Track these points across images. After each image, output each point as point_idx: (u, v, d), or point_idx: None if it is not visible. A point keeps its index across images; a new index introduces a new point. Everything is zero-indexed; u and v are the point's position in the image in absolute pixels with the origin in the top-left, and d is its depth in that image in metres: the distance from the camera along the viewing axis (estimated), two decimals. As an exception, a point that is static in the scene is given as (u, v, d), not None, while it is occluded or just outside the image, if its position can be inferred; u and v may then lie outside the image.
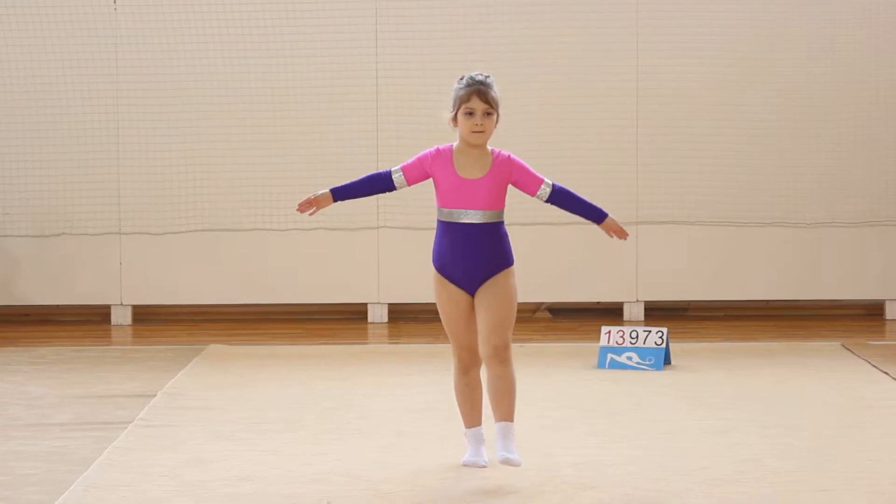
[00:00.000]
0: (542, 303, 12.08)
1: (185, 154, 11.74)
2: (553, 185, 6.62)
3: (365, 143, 11.74)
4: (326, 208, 6.72)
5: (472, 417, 6.73)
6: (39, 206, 11.76)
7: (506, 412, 6.47)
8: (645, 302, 11.88)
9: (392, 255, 11.79)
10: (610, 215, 6.68)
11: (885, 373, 9.29)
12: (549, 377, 9.24)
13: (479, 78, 6.50)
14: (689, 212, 11.80)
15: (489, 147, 6.58)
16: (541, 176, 6.62)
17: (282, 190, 11.69)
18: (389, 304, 11.93)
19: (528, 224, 11.62)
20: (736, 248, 11.82)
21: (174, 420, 8.01)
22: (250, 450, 7.27)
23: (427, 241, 12.08)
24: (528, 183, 6.60)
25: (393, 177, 6.65)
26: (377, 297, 11.88)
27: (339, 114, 11.76)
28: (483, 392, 6.70)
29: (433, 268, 6.66)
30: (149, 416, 8.08)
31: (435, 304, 6.77)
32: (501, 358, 6.52)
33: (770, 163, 11.76)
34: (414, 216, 11.66)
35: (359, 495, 6.34)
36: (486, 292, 6.55)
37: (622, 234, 6.66)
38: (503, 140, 12.05)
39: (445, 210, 6.56)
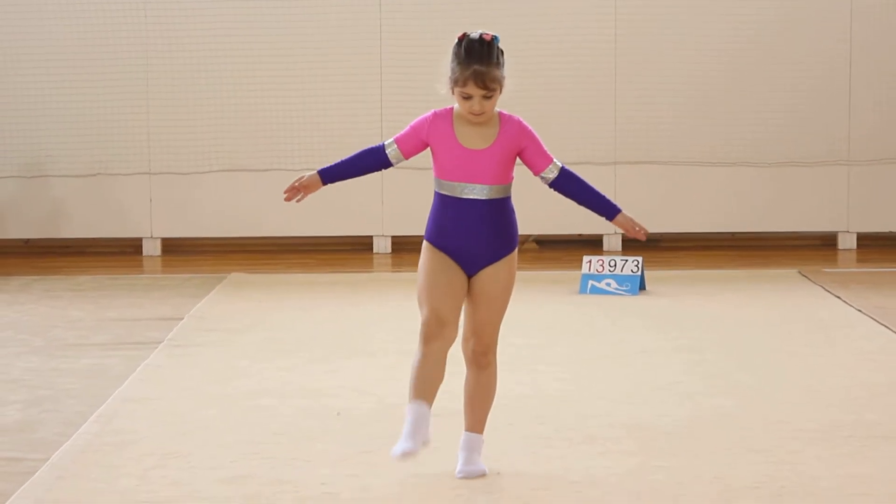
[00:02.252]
0: (530, 235, 12.08)
1: (209, 101, 11.70)
2: (562, 167, 5.29)
3: (370, 83, 11.70)
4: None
5: (421, 390, 5.04)
6: (77, 150, 11.73)
7: (478, 422, 5.25)
8: (622, 234, 11.88)
9: (395, 192, 11.77)
10: (623, 211, 5.39)
11: (837, 297, 9.31)
12: (535, 302, 9.25)
13: (477, 50, 5.01)
14: (662, 153, 11.77)
15: (496, 109, 5.22)
16: (550, 154, 5.27)
17: (294, 133, 11.68)
18: (392, 237, 11.93)
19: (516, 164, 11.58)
20: (704, 185, 11.80)
21: (200, 341, 8.02)
22: (268, 367, 7.28)
23: (426, 181, 12.04)
24: (535, 158, 5.25)
25: (387, 151, 5.34)
26: (381, 230, 11.88)
27: (344, 56, 11.70)
28: (443, 377, 5.09)
29: (424, 240, 5.27)
30: (177, 337, 8.10)
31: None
32: (489, 359, 5.23)
33: (735, 108, 11.72)
34: (414, 159, 11.62)
35: (365, 407, 6.36)
36: (487, 282, 5.19)
37: (640, 234, 5.39)
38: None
39: (445, 183, 5.19)
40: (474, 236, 5.15)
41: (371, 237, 11.94)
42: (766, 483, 5.13)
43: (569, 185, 5.31)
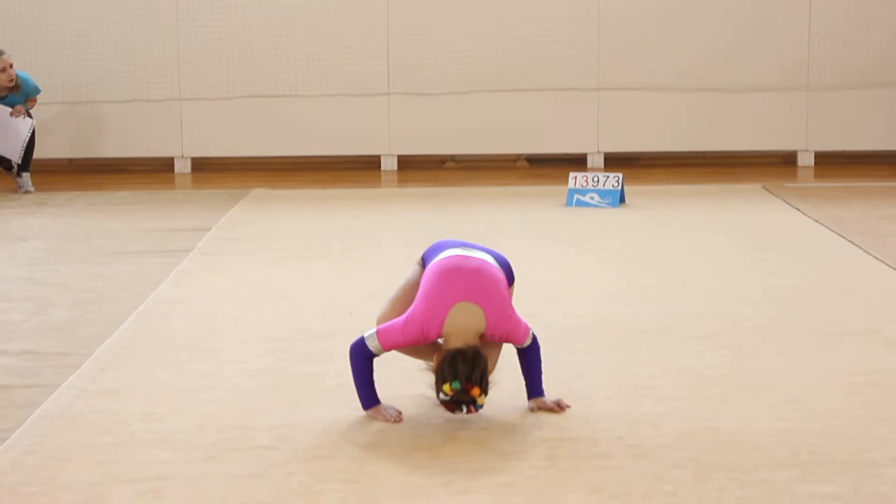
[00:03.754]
0: (521, 154, 12.04)
1: (234, 29, 11.63)
2: (534, 338, 4.65)
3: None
4: None
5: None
6: (116, 78, 11.66)
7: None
8: (605, 153, 11.83)
9: (400, 115, 11.71)
10: (542, 395, 4.66)
11: (797, 208, 9.30)
12: (526, 213, 9.25)
13: (463, 402, 4.35)
14: (642, 79, 11.69)
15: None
16: (525, 329, 4.60)
17: (311, 60, 11.62)
18: (398, 156, 11.89)
19: (509, 90, 11.56)
20: (678, 109, 11.71)
21: (226, 249, 8.03)
22: (287, 272, 7.30)
23: (430, 103, 12.01)
24: (515, 340, 4.60)
25: (369, 347, 4.59)
26: (388, 149, 11.83)
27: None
28: None
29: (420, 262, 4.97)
30: (206, 246, 8.11)
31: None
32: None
33: (704, 36, 11.62)
34: (420, 83, 11.59)
35: (374, 306, 6.37)
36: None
37: (560, 408, 4.65)
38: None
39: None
40: None
41: (379, 156, 11.90)
42: (731, 374, 5.16)
43: (531, 353, 4.63)
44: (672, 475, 4.01)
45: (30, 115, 10.57)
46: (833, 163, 11.88)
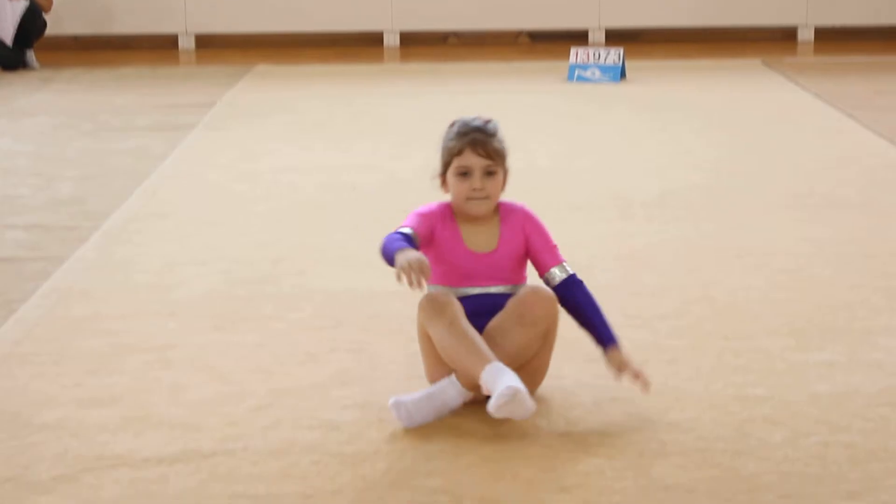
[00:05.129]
0: (523, 29, 11.91)
1: None
2: (571, 273, 3.57)
3: None
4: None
5: (480, 356, 3.38)
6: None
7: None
8: (606, 28, 11.71)
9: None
10: (619, 344, 3.51)
11: (796, 83, 9.24)
12: (528, 88, 9.19)
13: (477, 124, 3.56)
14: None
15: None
16: (559, 253, 3.61)
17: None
18: (401, 32, 11.78)
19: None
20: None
21: (231, 124, 7.99)
22: (291, 146, 7.27)
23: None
24: (540, 254, 3.59)
25: (401, 231, 3.51)
26: (391, 25, 11.72)
27: None
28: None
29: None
30: (210, 121, 8.07)
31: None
32: None
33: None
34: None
35: (377, 181, 6.36)
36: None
37: (642, 381, 3.48)
38: None
39: (444, 288, 3.59)
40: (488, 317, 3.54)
41: (381, 32, 11.78)
42: (729, 246, 5.15)
43: (573, 294, 3.54)
44: (670, 344, 4.02)
45: (24, -3, 10.45)
46: (833, 38, 11.75)
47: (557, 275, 3.57)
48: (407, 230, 3.50)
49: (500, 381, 3.29)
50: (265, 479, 3.12)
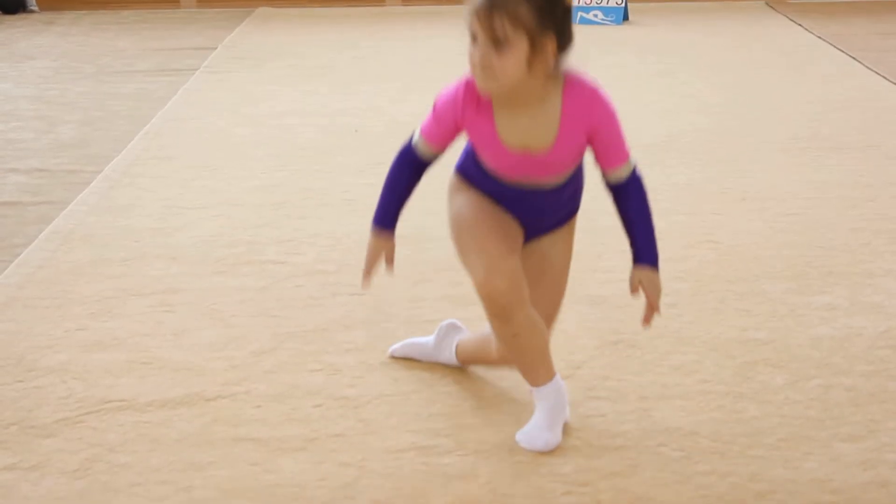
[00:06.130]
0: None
1: None
2: (635, 169, 2.89)
3: None
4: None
5: (545, 367, 3.02)
6: None
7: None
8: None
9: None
10: (650, 265, 2.94)
11: (800, 24, 9.18)
12: (531, 31, 9.12)
13: None
14: None
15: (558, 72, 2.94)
16: (625, 148, 2.87)
17: None
18: (403, -26, 11.72)
19: None
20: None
21: (232, 67, 7.95)
22: (293, 90, 7.23)
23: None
24: (607, 150, 2.84)
25: (417, 152, 2.94)
26: (393, -33, 11.66)
27: None
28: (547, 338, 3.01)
29: (456, 173, 3.05)
30: (212, 64, 8.02)
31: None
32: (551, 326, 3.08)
33: None
34: None
35: (379, 125, 6.34)
36: (551, 253, 3.05)
37: (649, 314, 2.96)
38: None
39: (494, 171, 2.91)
40: (536, 213, 2.98)
41: (383, -26, 11.71)
42: (732, 189, 5.13)
43: (629, 197, 2.89)
44: (672, 287, 4.02)
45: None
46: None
47: (616, 175, 2.87)
48: (419, 152, 2.93)
49: (553, 427, 3.01)
50: (268, 422, 3.13)
